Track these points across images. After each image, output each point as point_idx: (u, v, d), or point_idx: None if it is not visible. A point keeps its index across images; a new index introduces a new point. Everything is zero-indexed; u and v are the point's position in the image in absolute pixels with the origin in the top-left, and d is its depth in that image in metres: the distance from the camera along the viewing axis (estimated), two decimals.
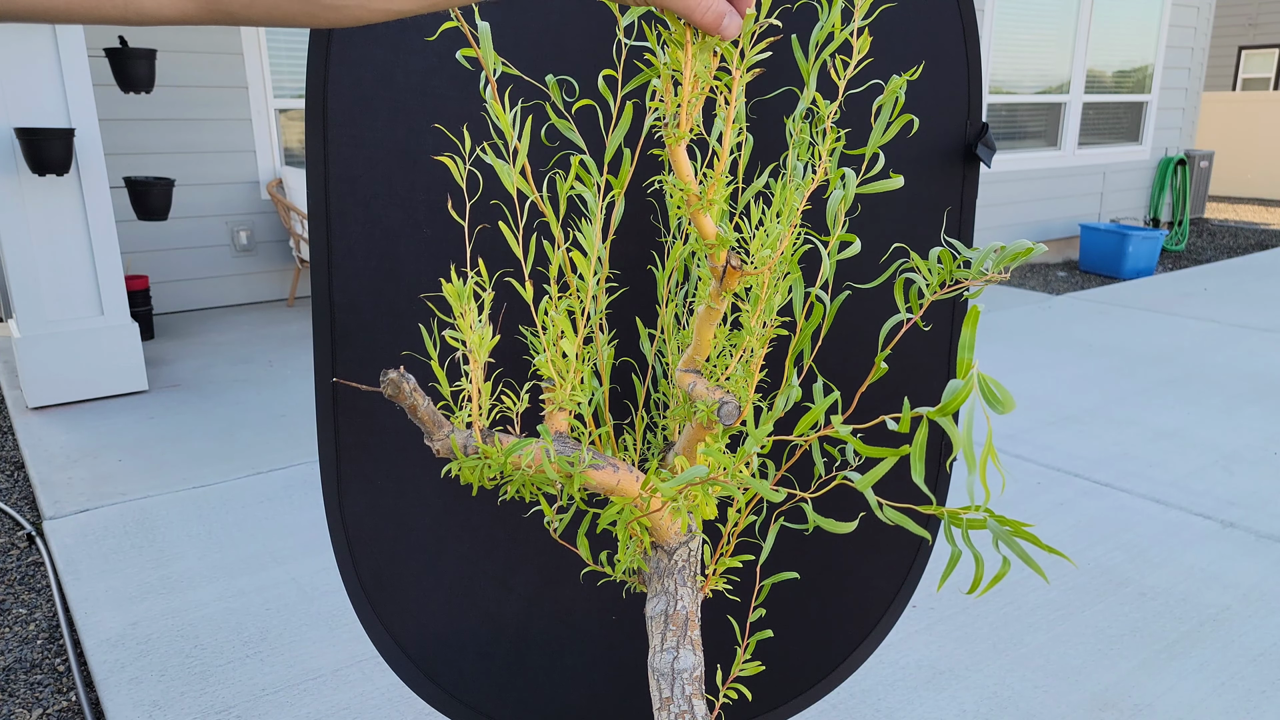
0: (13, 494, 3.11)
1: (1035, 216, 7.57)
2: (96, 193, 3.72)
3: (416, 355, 0.95)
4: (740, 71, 0.65)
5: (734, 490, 0.73)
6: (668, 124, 0.64)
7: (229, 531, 2.77)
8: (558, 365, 0.73)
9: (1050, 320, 5.43)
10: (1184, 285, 6.40)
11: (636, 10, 0.62)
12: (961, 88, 1.10)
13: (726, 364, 0.77)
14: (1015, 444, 3.49)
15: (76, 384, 3.81)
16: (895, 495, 1.10)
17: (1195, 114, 8.76)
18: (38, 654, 2.25)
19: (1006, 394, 0.50)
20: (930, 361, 1.16)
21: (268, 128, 5.29)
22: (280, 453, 3.34)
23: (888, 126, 0.69)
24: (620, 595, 1.09)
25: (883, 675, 2.13)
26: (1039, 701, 2.03)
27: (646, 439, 0.91)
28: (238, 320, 5.19)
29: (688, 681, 0.70)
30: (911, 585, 1.22)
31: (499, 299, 0.94)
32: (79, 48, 3.55)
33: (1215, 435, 3.60)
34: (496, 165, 0.71)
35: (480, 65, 0.88)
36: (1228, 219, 10.20)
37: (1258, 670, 2.14)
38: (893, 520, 0.64)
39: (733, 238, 0.68)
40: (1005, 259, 0.56)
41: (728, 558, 0.85)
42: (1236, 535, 2.79)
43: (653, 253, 0.99)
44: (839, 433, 0.62)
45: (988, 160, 1.10)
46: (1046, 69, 7.48)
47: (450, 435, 0.68)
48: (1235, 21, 13.86)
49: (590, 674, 1.13)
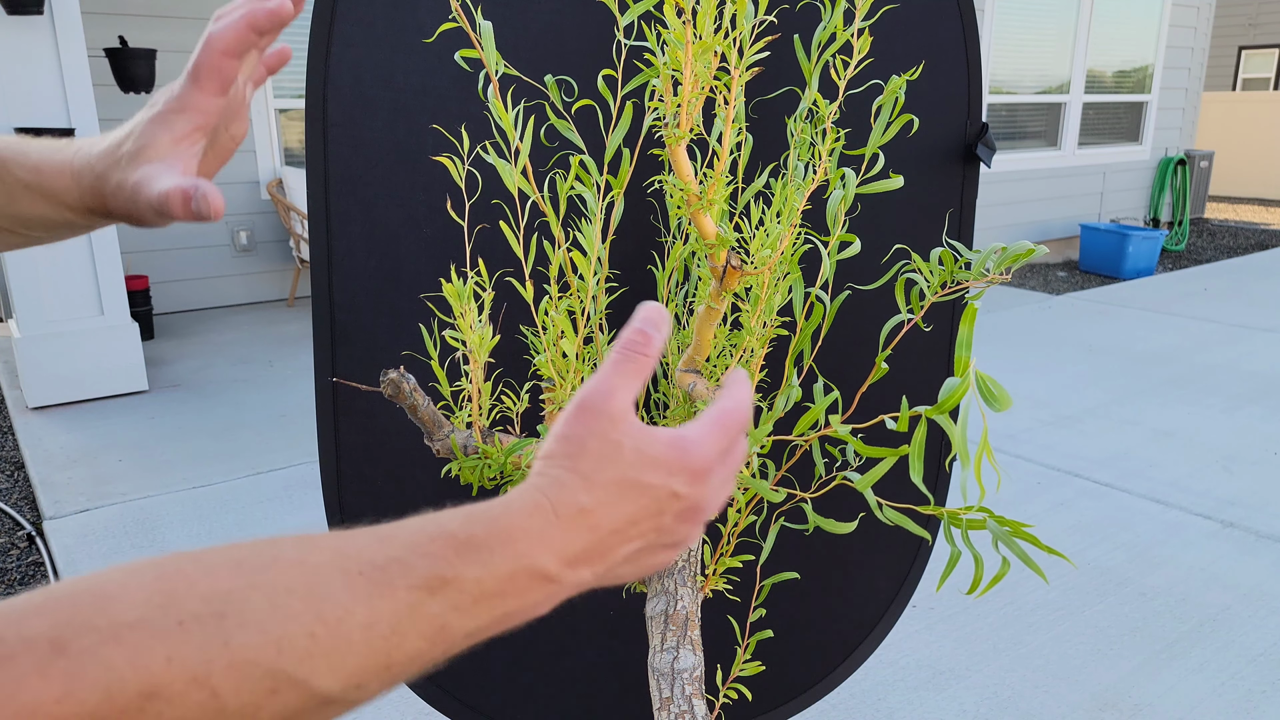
0: (13, 494, 3.11)
1: (1035, 216, 7.57)
2: None
3: (416, 355, 0.95)
4: (740, 71, 0.65)
5: (734, 490, 0.73)
6: (668, 124, 0.64)
7: (229, 531, 2.77)
8: (558, 365, 0.73)
9: (1050, 320, 5.43)
10: (1184, 285, 6.40)
11: (637, 9, 0.62)
12: (961, 88, 1.10)
13: (727, 364, 0.77)
14: (1015, 444, 3.49)
15: (76, 384, 3.81)
16: (896, 495, 1.10)
17: (1195, 114, 8.76)
18: None
19: (1003, 392, 0.50)
20: (931, 362, 1.16)
21: (268, 128, 5.29)
22: (280, 453, 3.34)
23: (888, 126, 0.69)
24: (620, 595, 1.09)
25: (883, 675, 2.13)
26: (1039, 701, 2.03)
27: None
28: (238, 320, 5.19)
29: (688, 682, 0.70)
30: (912, 585, 1.22)
31: (499, 299, 0.94)
32: (79, 48, 3.55)
33: (1215, 435, 3.60)
34: (498, 165, 0.71)
35: (478, 66, 0.87)
36: (1228, 219, 10.20)
37: (1258, 670, 2.14)
38: (892, 521, 0.64)
39: (733, 238, 0.68)
40: (1006, 260, 0.56)
41: (728, 558, 0.85)
42: (1236, 535, 2.79)
43: (653, 253, 0.99)
44: (838, 432, 0.62)
45: (988, 160, 1.10)
46: (1046, 69, 7.48)
47: (450, 435, 0.68)
48: (1235, 21, 13.86)
49: (590, 674, 1.13)
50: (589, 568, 0.46)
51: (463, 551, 0.42)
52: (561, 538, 0.45)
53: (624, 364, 0.50)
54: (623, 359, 0.50)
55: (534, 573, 0.44)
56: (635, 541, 0.48)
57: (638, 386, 0.50)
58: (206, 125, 0.59)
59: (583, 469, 0.47)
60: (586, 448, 0.47)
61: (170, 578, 0.35)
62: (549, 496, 0.46)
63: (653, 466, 0.48)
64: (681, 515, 0.49)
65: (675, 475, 0.48)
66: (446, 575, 0.41)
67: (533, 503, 0.45)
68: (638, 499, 0.47)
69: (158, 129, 0.58)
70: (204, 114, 0.59)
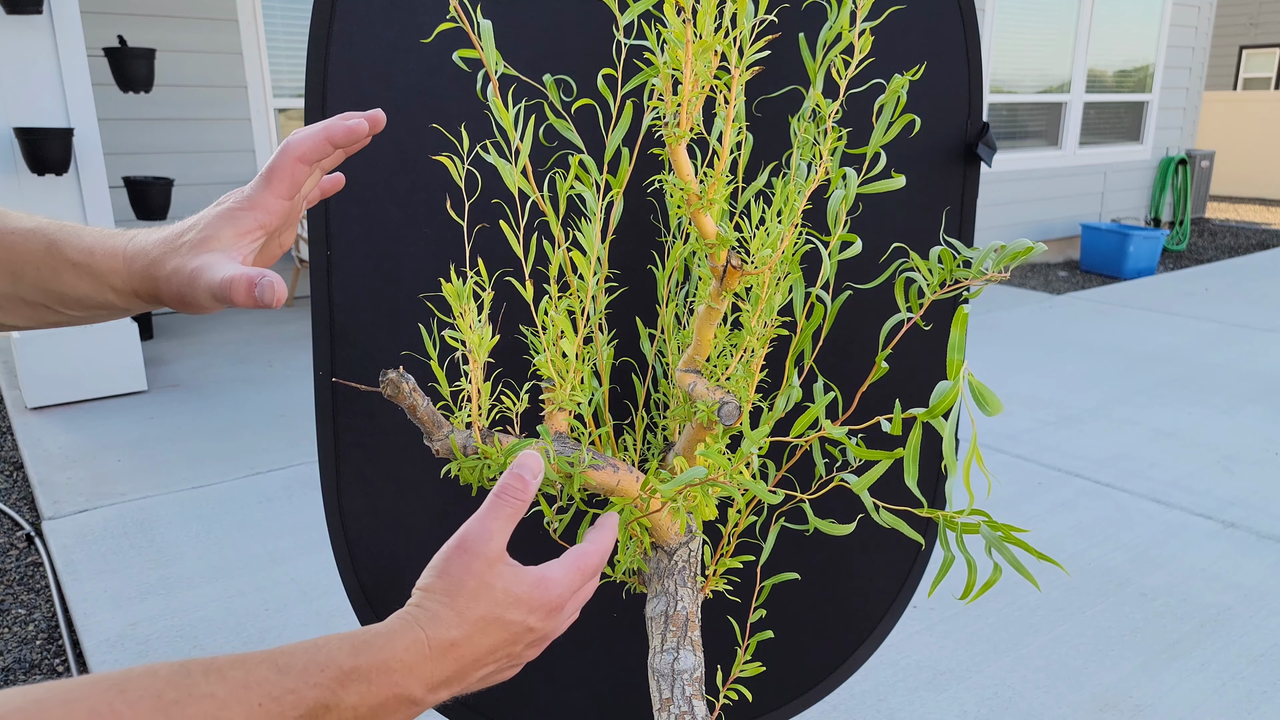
0: (12, 494, 3.11)
1: (1036, 216, 7.56)
2: (96, 192, 3.72)
3: (416, 355, 0.95)
4: (740, 70, 0.64)
5: (733, 491, 0.73)
6: (668, 123, 0.64)
7: (228, 532, 2.77)
8: (558, 365, 0.72)
9: (1051, 320, 5.42)
10: (1185, 285, 6.39)
11: (636, 9, 0.62)
12: (962, 87, 1.09)
13: (727, 364, 0.77)
14: (1016, 444, 3.49)
15: (76, 384, 3.80)
16: (897, 497, 1.10)
17: (1196, 113, 8.76)
18: (37, 654, 2.25)
19: (994, 396, 0.50)
20: (931, 362, 1.16)
21: (267, 128, 5.29)
22: (279, 453, 3.34)
23: (889, 126, 0.69)
24: (620, 596, 1.08)
25: (884, 676, 2.12)
26: (1040, 702, 2.03)
27: (646, 439, 0.91)
28: (237, 320, 5.18)
29: (688, 682, 0.70)
30: (912, 586, 1.21)
31: (499, 299, 0.93)
32: (78, 48, 3.55)
33: (1216, 435, 3.59)
34: (499, 165, 0.71)
35: (477, 65, 0.87)
36: (1229, 219, 10.20)
37: (1258, 671, 2.13)
38: (888, 523, 0.64)
39: (733, 237, 0.68)
40: (1005, 258, 0.56)
41: (728, 558, 0.84)
42: (1237, 535, 2.79)
43: (653, 253, 0.99)
44: (834, 434, 0.62)
45: (989, 160, 1.10)
46: (1047, 68, 7.47)
47: (450, 435, 0.67)
48: (1236, 21, 13.85)
49: (590, 674, 1.13)
50: (448, 690, 0.55)
51: (345, 682, 0.49)
52: (431, 669, 0.53)
53: (502, 508, 0.57)
54: (500, 504, 0.57)
55: (403, 699, 0.51)
56: (489, 667, 0.57)
57: (512, 527, 0.58)
58: (269, 225, 0.63)
59: (458, 605, 0.54)
60: (464, 585, 0.55)
61: (100, 714, 0.41)
62: (426, 631, 0.53)
63: (516, 605, 0.56)
64: (531, 644, 0.59)
65: (534, 612, 0.57)
66: (329, 703, 0.48)
67: (411, 637, 0.53)
68: (499, 633, 0.56)
69: (224, 223, 0.61)
70: (269, 214, 0.63)
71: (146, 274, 0.61)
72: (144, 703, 0.42)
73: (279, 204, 0.63)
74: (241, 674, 0.46)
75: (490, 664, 0.57)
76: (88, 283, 0.62)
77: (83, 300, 0.64)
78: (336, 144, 0.65)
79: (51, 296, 0.63)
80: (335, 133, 0.64)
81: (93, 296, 0.63)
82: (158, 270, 0.61)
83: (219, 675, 0.46)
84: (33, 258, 0.62)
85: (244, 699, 0.45)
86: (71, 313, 0.65)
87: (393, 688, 0.51)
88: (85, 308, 0.64)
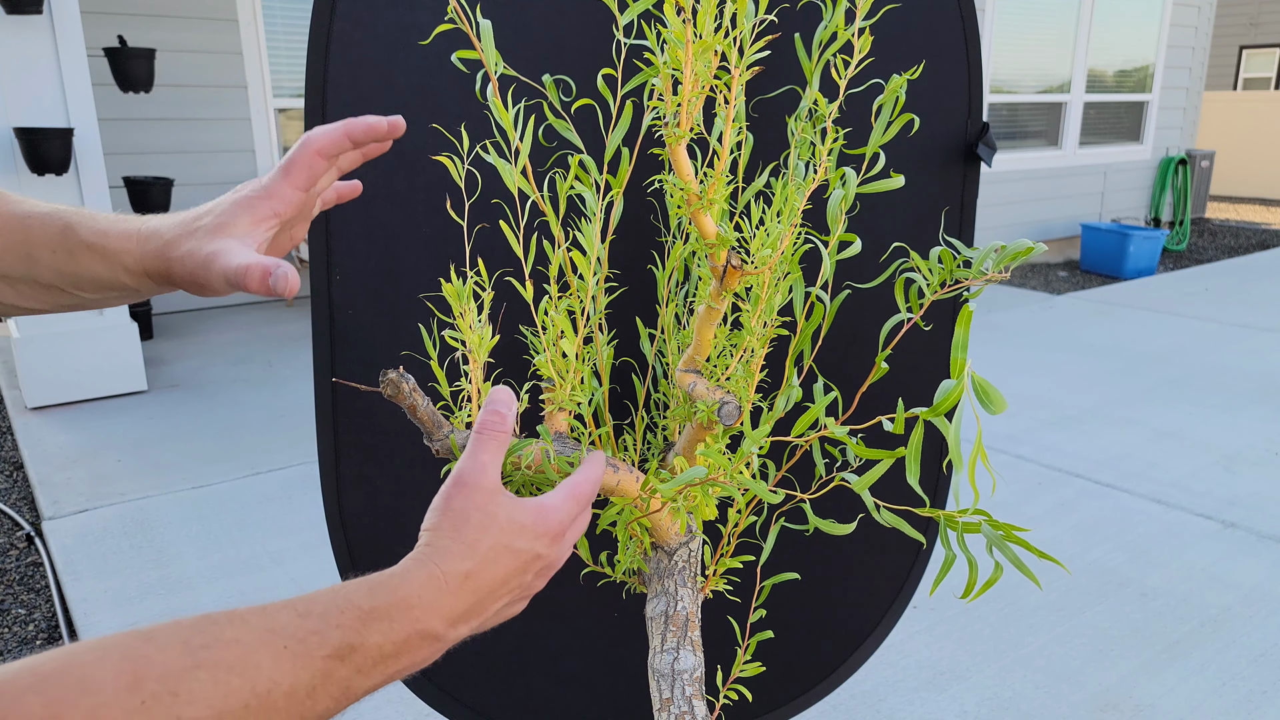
0: (12, 494, 3.11)
1: (1036, 216, 7.56)
2: (95, 192, 3.72)
3: (416, 355, 0.95)
4: (740, 70, 0.64)
5: (733, 491, 0.73)
6: (668, 123, 0.64)
7: (228, 532, 2.77)
8: (558, 365, 0.72)
9: (1051, 320, 5.42)
10: (1185, 285, 6.39)
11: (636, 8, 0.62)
12: (962, 87, 1.09)
13: (727, 364, 0.77)
14: (1016, 444, 3.49)
15: (76, 384, 3.80)
16: (897, 496, 1.10)
17: (1196, 113, 8.76)
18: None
19: (998, 394, 0.50)
20: (931, 362, 1.16)
21: (267, 127, 5.29)
22: (279, 453, 3.34)
23: (888, 126, 0.69)
24: (620, 596, 1.08)
25: (884, 676, 2.12)
26: (1040, 702, 2.03)
27: (646, 439, 0.91)
28: (237, 320, 5.18)
29: (688, 682, 0.70)
30: (912, 586, 1.21)
31: (499, 299, 0.93)
32: (78, 48, 3.55)
33: (1217, 435, 3.59)
34: (499, 165, 0.71)
35: (477, 66, 0.87)
36: (1229, 219, 10.19)
37: (1259, 671, 2.13)
38: (889, 523, 0.64)
39: (733, 237, 0.68)
40: (1005, 258, 0.56)
41: (728, 558, 0.84)
42: (1238, 535, 2.79)
43: (653, 253, 0.99)
44: (836, 433, 0.62)
45: (988, 160, 1.10)
46: (1047, 68, 7.47)
47: (450, 435, 0.67)
48: (1236, 21, 13.85)
49: (590, 675, 1.13)
50: (467, 624, 0.55)
51: (367, 621, 0.50)
52: (450, 603, 0.53)
53: (487, 442, 0.59)
54: (485, 438, 0.59)
55: (425, 634, 0.52)
56: (504, 598, 0.57)
57: (501, 460, 0.60)
58: (284, 215, 0.65)
59: (467, 538, 0.55)
60: (469, 518, 0.56)
61: (132, 659, 0.42)
62: (440, 566, 0.54)
63: (522, 533, 0.57)
64: (540, 573, 0.60)
65: (540, 539, 0.58)
66: (354, 643, 0.49)
67: (426, 573, 0.53)
68: (510, 561, 0.56)
69: (241, 210, 0.63)
70: (285, 204, 0.64)
71: (160, 254, 0.62)
72: (172, 648, 0.43)
73: (295, 194, 0.65)
74: (264, 620, 0.47)
75: (505, 595, 0.57)
76: (101, 263, 0.64)
77: (95, 281, 0.65)
78: (355, 141, 0.66)
79: (65, 278, 0.65)
80: (355, 129, 0.66)
81: (105, 277, 0.64)
82: (172, 251, 0.62)
83: (243, 622, 0.46)
84: (49, 241, 0.64)
85: (270, 643, 0.46)
86: (84, 294, 0.66)
87: (414, 624, 0.51)
88: (98, 289, 0.66)
